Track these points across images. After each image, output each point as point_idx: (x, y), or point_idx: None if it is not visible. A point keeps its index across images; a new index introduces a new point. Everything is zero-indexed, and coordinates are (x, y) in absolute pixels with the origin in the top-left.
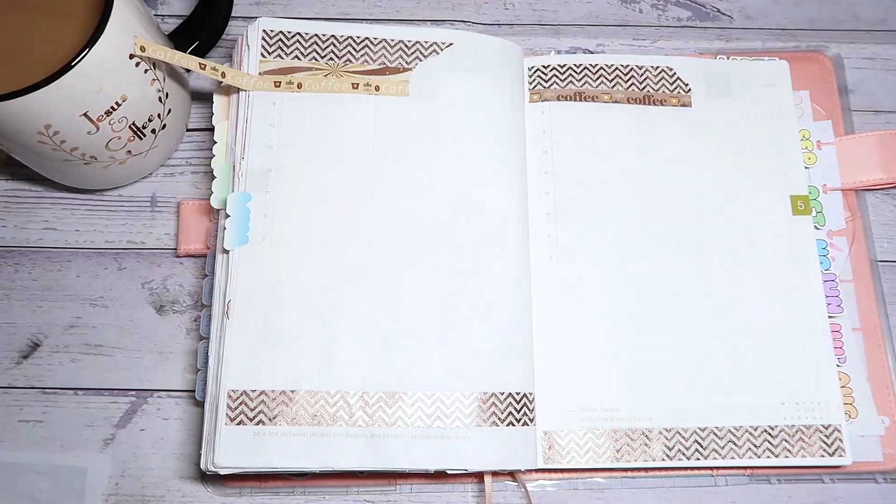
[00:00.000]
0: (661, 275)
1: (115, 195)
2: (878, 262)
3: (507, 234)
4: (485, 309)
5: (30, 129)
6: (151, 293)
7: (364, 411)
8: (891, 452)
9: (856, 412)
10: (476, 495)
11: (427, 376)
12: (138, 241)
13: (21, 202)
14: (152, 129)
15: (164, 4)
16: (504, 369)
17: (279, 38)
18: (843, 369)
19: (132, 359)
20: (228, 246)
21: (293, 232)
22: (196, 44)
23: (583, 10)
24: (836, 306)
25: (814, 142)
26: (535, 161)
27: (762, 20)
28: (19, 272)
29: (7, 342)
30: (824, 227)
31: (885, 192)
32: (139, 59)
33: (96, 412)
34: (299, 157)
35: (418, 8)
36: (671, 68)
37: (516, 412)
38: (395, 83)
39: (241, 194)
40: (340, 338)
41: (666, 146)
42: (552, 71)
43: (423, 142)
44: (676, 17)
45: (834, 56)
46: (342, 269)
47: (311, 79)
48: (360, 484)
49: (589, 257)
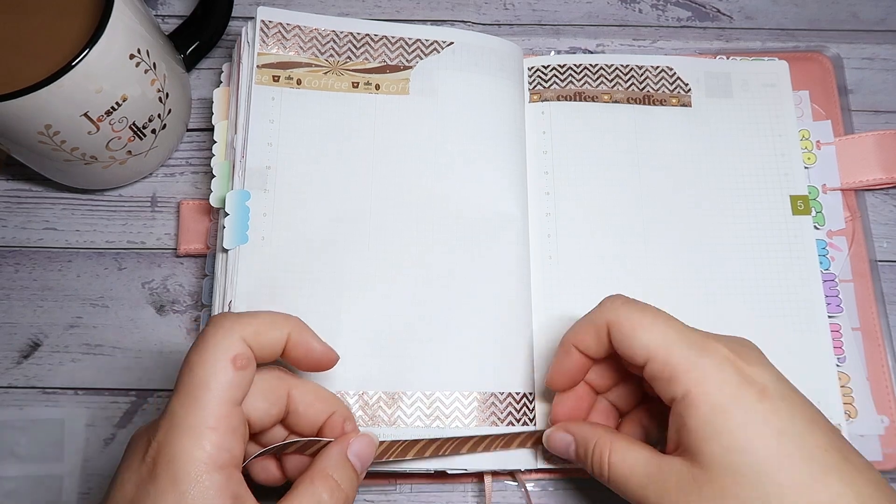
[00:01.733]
0: (661, 275)
1: (115, 195)
2: (877, 262)
3: (506, 234)
4: (484, 309)
5: (30, 129)
6: (151, 293)
7: (364, 411)
8: (890, 452)
9: (855, 412)
10: (476, 495)
11: (426, 376)
12: (138, 241)
13: (21, 202)
14: (152, 129)
15: (164, 4)
16: (504, 369)
17: (278, 30)
18: (843, 369)
19: (132, 359)
20: (228, 245)
21: (293, 231)
22: (196, 44)
23: (583, 10)
24: (836, 306)
25: (813, 142)
26: (535, 161)
27: (762, 20)
28: (20, 272)
29: (7, 342)
30: (824, 226)
31: (885, 192)
32: (139, 60)
33: (96, 412)
34: (299, 155)
35: (418, 8)
36: (671, 68)
37: (516, 412)
38: (395, 81)
39: (240, 192)
40: (340, 337)
41: (666, 146)
42: (552, 71)
43: (424, 141)
44: (676, 17)
45: (833, 56)
46: (341, 269)
47: (310, 76)
48: (360, 484)
49: (589, 257)
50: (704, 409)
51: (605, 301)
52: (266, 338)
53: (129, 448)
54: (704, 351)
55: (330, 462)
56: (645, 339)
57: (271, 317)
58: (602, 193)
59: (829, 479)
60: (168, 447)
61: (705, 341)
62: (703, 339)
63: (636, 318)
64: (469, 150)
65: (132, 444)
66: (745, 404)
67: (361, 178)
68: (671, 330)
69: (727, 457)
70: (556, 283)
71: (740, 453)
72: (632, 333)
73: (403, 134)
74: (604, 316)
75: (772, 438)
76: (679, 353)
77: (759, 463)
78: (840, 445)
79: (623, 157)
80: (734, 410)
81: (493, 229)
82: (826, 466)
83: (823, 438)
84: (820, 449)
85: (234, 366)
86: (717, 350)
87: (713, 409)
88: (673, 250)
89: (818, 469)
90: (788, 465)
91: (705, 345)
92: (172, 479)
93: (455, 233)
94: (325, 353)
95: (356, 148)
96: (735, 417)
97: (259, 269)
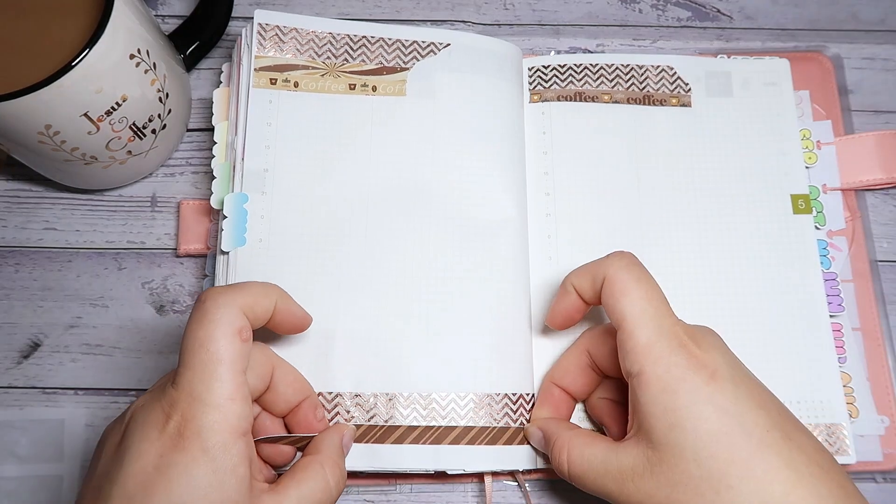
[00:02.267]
0: (661, 274)
1: (115, 195)
2: (877, 262)
3: (504, 235)
4: (482, 310)
5: (30, 129)
6: (151, 293)
7: (360, 411)
8: (890, 452)
9: (856, 412)
10: (476, 495)
11: (423, 377)
12: (138, 241)
13: (21, 202)
14: (152, 129)
15: (164, 4)
16: (501, 370)
17: (275, 33)
18: (844, 369)
19: (132, 359)
20: (226, 247)
21: (290, 234)
22: (196, 44)
23: (583, 10)
24: (837, 305)
25: (814, 142)
26: (535, 161)
27: (762, 20)
28: (20, 272)
29: (7, 342)
30: (824, 226)
31: (885, 192)
32: (139, 60)
33: (96, 412)
34: (296, 157)
35: (418, 8)
36: (671, 67)
37: (512, 412)
38: (392, 83)
39: (238, 195)
40: (337, 338)
41: (666, 146)
42: (552, 71)
43: (420, 142)
44: (676, 17)
45: (834, 56)
46: (339, 270)
47: (307, 78)
48: (360, 484)
49: (589, 258)
50: (654, 388)
51: (614, 254)
52: (260, 308)
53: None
54: (665, 334)
55: (335, 450)
56: (624, 305)
57: (261, 287)
58: (602, 193)
59: (767, 454)
60: (194, 421)
61: (671, 326)
62: (670, 323)
63: (628, 283)
64: (466, 152)
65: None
66: (691, 385)
67: (358, 180)
68: (650, 307)
69: (671, 434)
70: (555, 284)
71: (683, 430)
72: (617, 296)
73: (400, 135)
74: (604, 269)
75: (714, 416)
76: (645, 330)
77: (699, 439)
78: (784, 426)
79: (623, 158)
80: (680, 390)
81: (491, 231)
82: (765, 443)
83: (766, 418)
84: (760, 427)
85: (240, 338)
86: (675, 334)
87: (662, 389)
88: (673, 250)
89: (757, 445)
90: (728, 441)
91: (668, 328)
92: (202, 449)
93: (452, 234)
94: (304, 316)
95: (353, 149)
96: (680, 396)
97: (257, 272)
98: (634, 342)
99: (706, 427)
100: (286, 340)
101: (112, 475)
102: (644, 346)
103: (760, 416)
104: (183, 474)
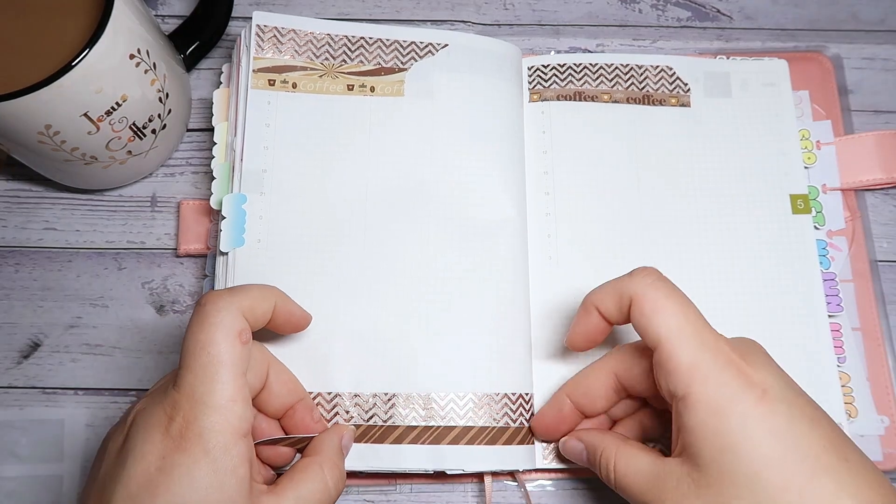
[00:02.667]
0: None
1: (115, 195)
2: (877, 262)
3: (505, 234)
4: (481, 310)
5: (30, 129)
6: (151, 293)
7: (359, 411)
8: (890, 452)
9: (855, 412)
10: (476, 495)
11: (422, 377)
12: (138, 241)
13: (21, 202)
14: (152, 129)
15: (164, 4)
16: (500, 369)
17: (273, 34)
18: (843, 369)
19: (132, 359)
20: (224, 248)
21: (289, 234)
22: (196, 44)
23: (583, 10)
24: (836, 305)
25: (813, 142)
26: (534, 161)
27: (762, 20)
28: (20, 272)
29: (7, 342)
30: (824, 226)
31: (885, 192)
32: (139, 60)
33: (96, 412)
34: (295, 158)
35: (418, 8)
36: (671, 68)
37: (512, 412)
38: (390, 83)
39: (237, 196)
40: (336, 339)
41: (665, 146)
42: (552, 70)
43: (419, 142)
44: (676, 17)
45: (833, 56)
46: (338, 271)
47: (305, 79)
48: (360, 484)
49: (589, 258)
50: (702, 410)
51: (638, 271)
52: (260, 310)
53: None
54: (710, 351)
55: (334, 451)
56: (660, 324)
57: (260, 289)
58: (602, 193)
59: (823, 480)
60: (196, 423)
61: (714, 341)
62: (713, 339)
63: (660, 300)
64: (465, 151)
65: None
66: (742, 406)
67: (357, 180)
68: (687, 324)
69: (722, 458)
70: (555, 283)
71: (735, 454)
72: (650, 315)
73: (399, 135)
74: (630, 287)
75: (766, 439)
76: (686, 348)
77: (752, 464)
78: (840, 446)
79: (622, 157)
80: (731, 412)
81: (490, 230)
82: (821, 467)
83: (821, 440)
84: (816, 449)
85: (241, 340)
86: (721, 351)
87: (711, 411)
88: (673, 250)
89: (813, 470)
90: (781, 467)
91: (712, 345)
92: (204, 450)
93: (451, 234)
94: (304, 316)
95: (352, 150)
96: (731, 419)
97: (256, 272)
98: (676, 362)
99: (759, 452)
100: (285, 340)
101: (115, 476)
102: (688, 365)
103: (815, 437)
104: (185, 475)
